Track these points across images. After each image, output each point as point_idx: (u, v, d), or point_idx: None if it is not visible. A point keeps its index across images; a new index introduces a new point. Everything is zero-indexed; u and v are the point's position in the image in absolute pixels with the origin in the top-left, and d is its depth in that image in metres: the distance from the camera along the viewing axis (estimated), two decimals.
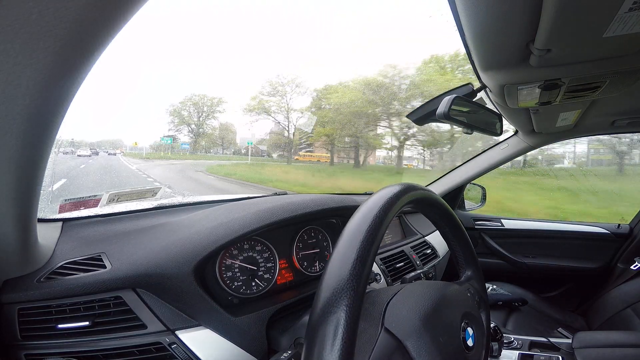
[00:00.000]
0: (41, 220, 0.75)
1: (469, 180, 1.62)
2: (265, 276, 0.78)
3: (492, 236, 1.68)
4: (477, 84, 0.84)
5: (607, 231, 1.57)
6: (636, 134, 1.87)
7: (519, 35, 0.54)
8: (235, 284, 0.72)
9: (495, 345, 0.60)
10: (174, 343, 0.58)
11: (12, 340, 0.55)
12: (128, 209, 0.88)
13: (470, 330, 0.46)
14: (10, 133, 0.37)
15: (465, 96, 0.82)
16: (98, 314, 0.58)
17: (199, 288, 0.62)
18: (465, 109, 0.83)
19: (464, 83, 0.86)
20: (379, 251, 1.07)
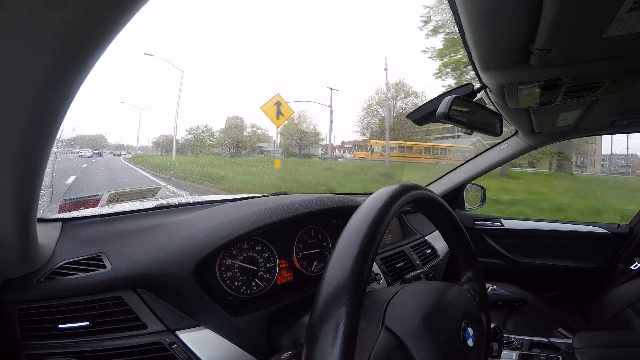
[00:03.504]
0: (41, 220, 0.74)
1: (469, 180, 1.62)
2: (266, 276, 0.78)
3: (492, 236, 1.68)
4: (477, 84, 0.84)
5: (607, 231, 1.57)
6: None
7: (519, 35, 0.54)
8: (236, 284, 0.72)
9: (495, 345, 0.60)
10: (174, 343, 0.58)
11: (13, 340, 0.55)
12: (128, 209, 0.88)
13: (470, 331, 0.46)
14: (11, 133, 0.37)
15: (465, 96, 0.82)
16: (98, 314, 0.58)
17: (199, 288, 0.62)
18: (465, 109, 0.83)
19: (464, 83, 0.86)
20: (379, 251, 1.07)
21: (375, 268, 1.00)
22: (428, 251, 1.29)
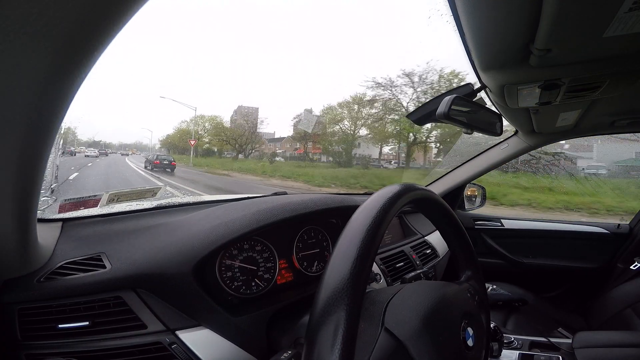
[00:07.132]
0: (41, 220, 0.74)
1: (469, 180, 1.62)
2: (265, 276, 0.78)
3: (492, 236, 1.68)
4: (477, 84, 0.84)
5: (607, 231, 1.57)
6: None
7: (519, 35, 0.54)
8: (235, 284, 0.72)
9: (495, 345, 0.60)
10: (174, 343, 0.58)
11: (13, 340, 0.55)
12: (128, 209, 0.88)
13: (470, 330, 0.46)
14: (10, 133, 0.37)
15: (465, 96, 0.82)
16: (98, 314, 0.58)
17: (199, 288, 0.62)
18: (465, 109, 0.83)
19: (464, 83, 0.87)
20: (379, 251, 1.07)
21: (375, 268, 1.00)
22: (428, 251, 1.29)
